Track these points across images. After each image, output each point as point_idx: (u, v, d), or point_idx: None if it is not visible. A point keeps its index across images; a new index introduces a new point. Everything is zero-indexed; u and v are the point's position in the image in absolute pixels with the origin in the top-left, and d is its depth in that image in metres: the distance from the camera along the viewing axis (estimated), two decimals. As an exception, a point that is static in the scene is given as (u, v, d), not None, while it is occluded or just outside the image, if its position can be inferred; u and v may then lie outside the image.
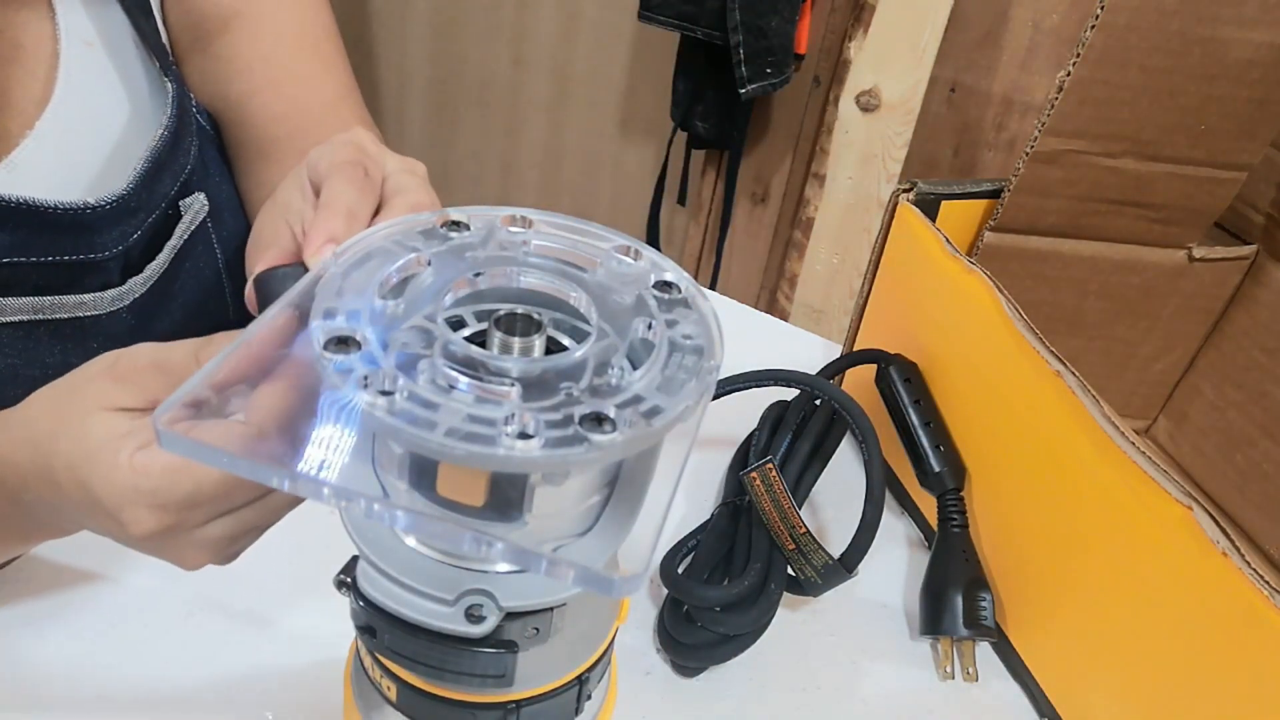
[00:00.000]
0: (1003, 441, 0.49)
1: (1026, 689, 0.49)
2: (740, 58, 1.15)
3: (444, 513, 0.27)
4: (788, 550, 0.47)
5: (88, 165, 0.51)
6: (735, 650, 0.46)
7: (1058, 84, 0.52)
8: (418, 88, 1.65)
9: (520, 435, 0.24)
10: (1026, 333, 0.46)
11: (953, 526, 0.51)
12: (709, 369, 0.27)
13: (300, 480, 0.24)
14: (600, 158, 1.56)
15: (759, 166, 1.36)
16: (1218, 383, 0.64)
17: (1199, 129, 0.54)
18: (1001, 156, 1.24)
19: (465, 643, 0.29)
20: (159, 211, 0.54)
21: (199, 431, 0.25)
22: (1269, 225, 0.60)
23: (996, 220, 0.57)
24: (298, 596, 0.48)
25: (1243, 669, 0.37)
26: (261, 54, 0.59)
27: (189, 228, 0.56)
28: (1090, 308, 0.61)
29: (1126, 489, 0.41)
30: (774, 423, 0.56)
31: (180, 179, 0.55)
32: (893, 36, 1.16)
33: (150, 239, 0.53)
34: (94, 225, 0.49)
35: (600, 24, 1.44)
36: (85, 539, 0.48)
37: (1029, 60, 1.18)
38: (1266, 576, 0.35)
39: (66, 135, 0.50)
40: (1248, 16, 0.50)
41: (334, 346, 0.25)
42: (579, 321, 0.30)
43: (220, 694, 0.43)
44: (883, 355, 0.56)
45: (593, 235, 0.32)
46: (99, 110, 0.52)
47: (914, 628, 0.51)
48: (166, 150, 0.53)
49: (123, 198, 0.50)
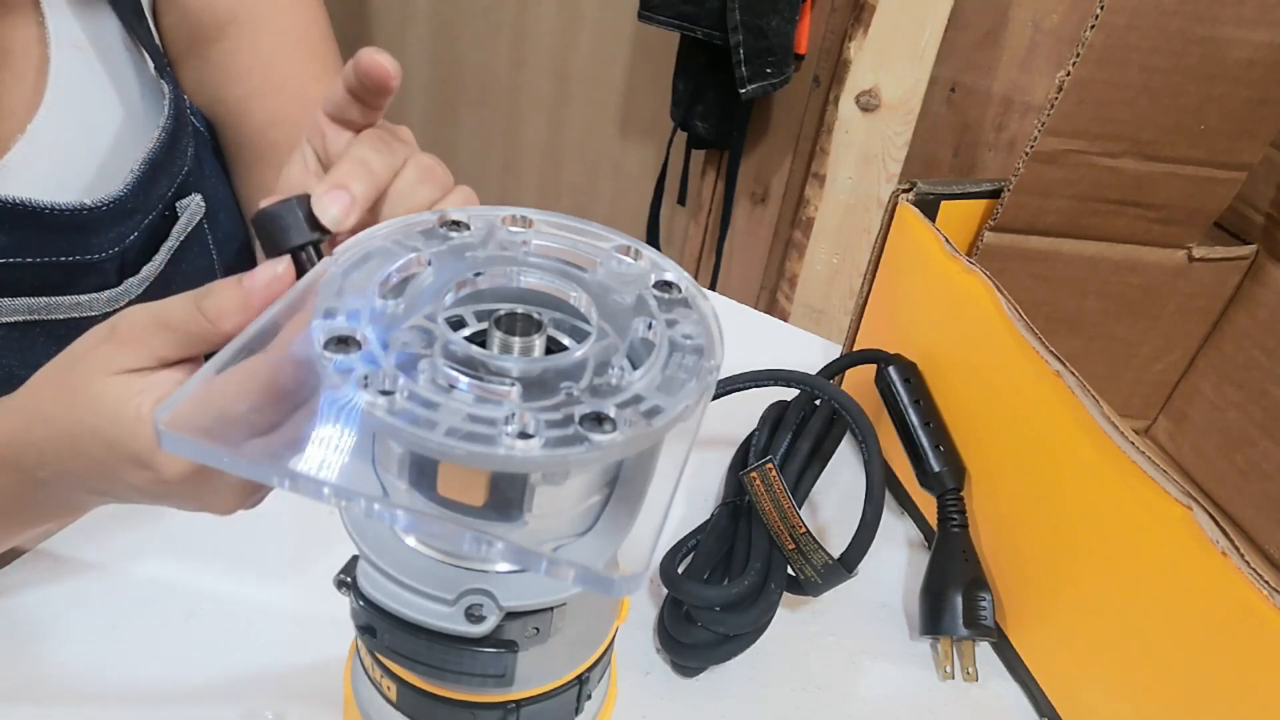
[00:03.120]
0: (1002, 441, 0.49)
1: (1026, 689, 0.49)
2: (740, 58, 1.15)
3: (444, 512, 0.27)
4: (788, 550, 0.47)
5: (81, 167, 0.52)
6: (735, 650, 0.46)
7: (1058, 84, 0.52)
8: (418, 88, 1.65)
9: (520, 435, 0.24)
10: (1026, 333, 0.46)
11: (952, 526, 0.51)
12: (709, 369, 0.27)
13: (300, 480, 0.24)
14: (600, 158, 1.56)
15: (759, 166, 1.36)
16: (1218, 383, 0.64)
17: (1199, 129, 0.54)
18: (1001, 156, 1.24)
19: (465, 642, 0.29)
20: (155, 213, 0.54)
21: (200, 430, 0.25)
22: (1269, 225, 0.60)
23: (996, 220, 0.57)
24: (298, 596, 0.48)
25: (1242, 669, 0.37)
26: (261, 58, 0.59)
27: (185, 229, 0.56)
28: (1090, 308, 0.61)
29: (1126, 489, 0.41)
30: (774, 423, 0.56)
31: (177, 180, 0.55)
32: (893, 36, 1.16)
33: (147, 240, 0.53)
34: (90, 226, 0.49)
35: (600, 24, 1.44)
36: (86, 540, 0.48)
37: (1029, 60, 1.18)
38: (1266, 576, 0.35)
39: (59, 138, 0.51)
40: (1247, 16, 0.50)
41: (334, 346, 0.25)
42: (579, 321, 0.30)
43: (220, 693, 0.43)
44: (882, 355, 0.56)
45: (593, 235, 0.32)
46: (91, 113, 0.52)
47: (914, 628, 0.51)
48: (163, 152, 0.53)
49: (119, 199, 0.50)
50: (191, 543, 0.50)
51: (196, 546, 0.50)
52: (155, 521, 0.49)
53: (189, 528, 0.50)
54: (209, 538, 0.50)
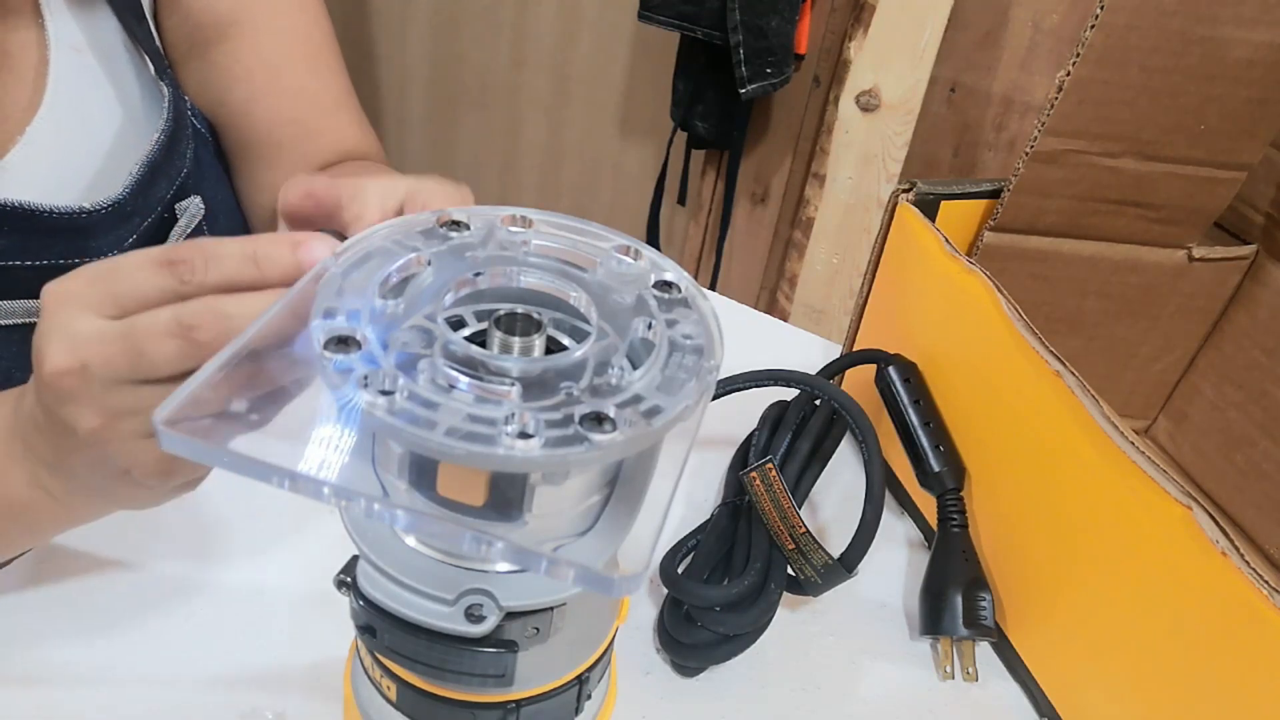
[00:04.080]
0: (1002, 441, 0.49)
1: (1026, 689, 0.49)
2: (740, 58, 1.15)
3: (444, 512, 0.27)
4: (788, 550, 0.47)
5: (81, 169, 0.52)
6: (735, 650, 0.46)
7: (1058, 84, 0.52)
8: (418, 88, 1.65)
9: (520, 435, 0.24)
10: (1026, 333, 0.46)
11: (952, 526, 0.51)
12: (709, 369, 0.27)
13: (300, 480, 0.24)
14: (600, 158, 1.56)
15: (759, 166, 1.36)
16: (1218, 383, 0.64)
17: (1199, 129, 0.54)
18: (1001, 156, 1.24)
19: (465, 642, 0.29)
20: (154, 215, 0.54)
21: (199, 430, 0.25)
22: (1269, 225, 0.60)
23: (996, 220, 0.57)
24: (298, 596, 0.48)
25: (1242, 669, 0.37)
26: (264, 61, 0.59)
27: (184, 231, 0.56)
28: (1090, 308, 0.61)
29: (1126, 489, 0.40)
30: (774, 423, 0.56)
31: (176, 183, 0.55)
32: (893, 36, 1.16)
33: (146, 242, 0.53)
34: (90, 229, 0.49)
35: (600, 24, 1.44)
36: (86, 540, 0.48)
37: (1029, 60, 1.18)
38: (1266, 576, 0.35)
39: (58, 140, 0.51)
40: (1248, 16, 0.50)
41: (334, 346, 0.25)
42: (579, 321, 0.30)
43: (220, 694, 0.43)
44: (882, 355, 0.56)
45: (593, 235, 0.32)
46: (90, 115, 0.52)
47: (914, 628, 0.51)
48: (162, 154, 0.53)
49: (118, 202, 0.50)
50: (191, 543, 0.50)
51: (196, 546, 0.50)
52: (156, 521, 0.49)
53: (189, 527, 0.50)
54: (208, 538, 0.50)
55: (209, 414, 0.27)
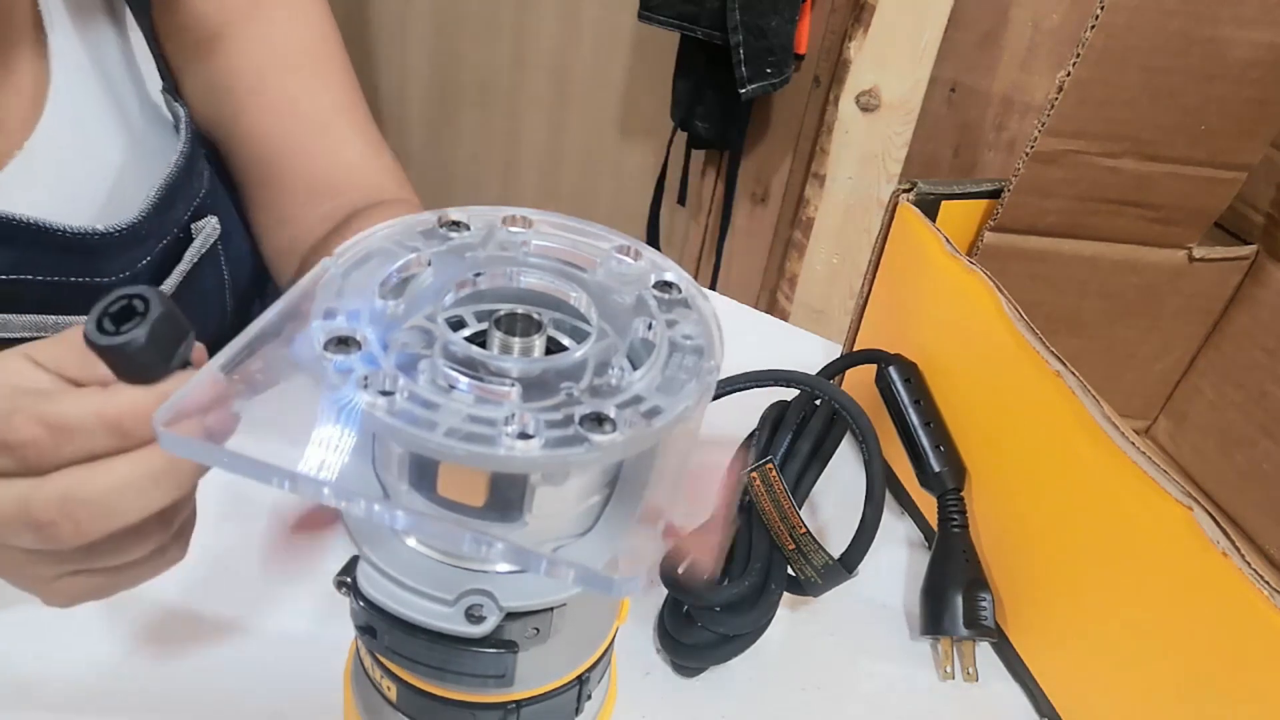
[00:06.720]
0: (1003, 441, 0.49)
1: (1026, 689, 0.49)
2: (740, 58, 1.15)
3: (444, 513, 0.27)
4: (788, 550, 0.47)
5: (81, 186, 0.51)
6: (735, 650, 0.46)
7: (1058, 84, 0.52)
8: (418, 88, 1.65)
9: (520, 435, 0.24)
10: (1026, 333, 0.46)
11: (953, 527, 0.51)
12: (709, 369, 0.27)
13: (300, 480, 0.24)
14: (600, 158, 1.56)
15: (759, 166, 1.36)
16: (1218, 383, 0.64)
17: (1199, 129, 0.54)
18: (1001, 156, 1.24)
19: (465, 643, 0.29)
20: (170, 237, 0.53)
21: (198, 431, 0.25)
22: (1269, 225, 0.60)
23: (996, 220, 0.57)
24: (298, 597, 0.48)
25: (1243, 669, 0.37)
26: (253, 67, 0.57)
27: (199, 251, 0.55)
28: (1090, 308, 0.61)
29: (1126, 489, 0.40)
30: (774, 423, 0.56)
31: (193, 204, 0.54)
32: (893, 36, 1.16)
33: (161, 263, 0.53)
34: (102, 251, 0.48)
35: (600, 24, 1.44)
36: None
37: (1029, 60, 1.18)
38: (1266, 576, 0.35)
39: (57, 156, 0.50)
40: (1248, 16, 0.50)
41: (334, 346, 0.25)
42: (579, 321, 0.30)
43: (219, 694, 0.43)
44: (883, 355, 0.56)
45: (593, 235, 0.32)
46: (91, 132, 0.51)
47: (914, 628, 0.51)
48: (181, 176, 0.52)
49: (133, 226, 0.49)
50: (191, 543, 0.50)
51: (195, 547, 0.50)
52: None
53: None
54: (208, 538, 0.50)
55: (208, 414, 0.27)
